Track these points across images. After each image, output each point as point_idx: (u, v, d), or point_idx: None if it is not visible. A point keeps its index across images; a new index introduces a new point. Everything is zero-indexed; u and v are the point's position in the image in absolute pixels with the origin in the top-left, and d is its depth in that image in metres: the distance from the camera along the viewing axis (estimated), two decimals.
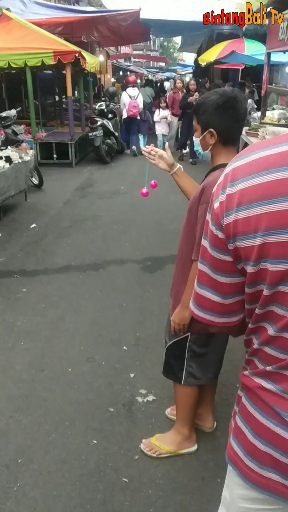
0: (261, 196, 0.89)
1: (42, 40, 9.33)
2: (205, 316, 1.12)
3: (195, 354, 2.32)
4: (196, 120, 2.02)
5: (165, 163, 2.37)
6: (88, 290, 4.43)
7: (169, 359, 2.45)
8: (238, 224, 0.93)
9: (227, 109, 1.90)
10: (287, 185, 0.87)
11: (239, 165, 0.95)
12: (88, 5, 23.47)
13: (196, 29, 15.51)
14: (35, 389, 3.04)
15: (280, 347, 0.98)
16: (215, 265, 1.04)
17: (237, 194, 0.93)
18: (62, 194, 7.81)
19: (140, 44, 34.03)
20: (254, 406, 1.06)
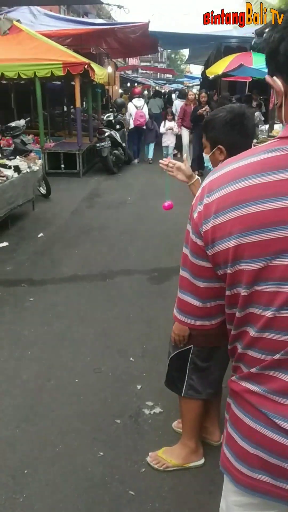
0: (233, 202, 0.96)
1: (51, 52, 9.44)
2: (185, 319, 1.18)
3: (197, 367, 2.32)
4: (205, 136, 2.04)
5: (183, 174, 2.37)
6: (95, 300, 4.44)
7: (171, 370, 2.46)
8: (215, 229, 1.00)
9: (235, 126, 1.91)
10: (255, 191, 0.94)
11: (214, 178, 1.04)
12: (97, 17, 23.78)
13: (204, 42, 15.61)
14: (42, 399, 3.04)
15: (262, 348, 1.01)
16: (195, 271, 1.10)
17: (214, 203, 1.00)
18: (69, 204, 7.85)
19: (148, 56, 34.39)
20: (241, 410, 1.09)
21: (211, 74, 13.35)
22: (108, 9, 25.46)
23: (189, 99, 11.36)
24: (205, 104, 10.13)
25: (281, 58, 0.96)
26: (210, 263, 1.05)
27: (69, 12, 22.48)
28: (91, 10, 25.21)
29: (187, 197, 2.43)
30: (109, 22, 15.53)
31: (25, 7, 11.92)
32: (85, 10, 24.55)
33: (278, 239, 0.92)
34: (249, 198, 0.94)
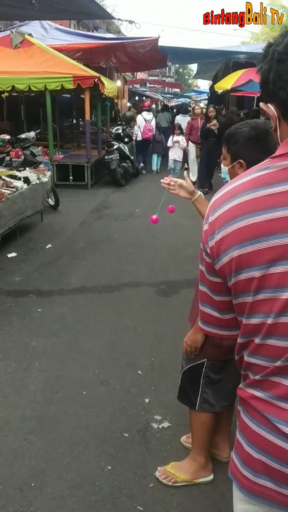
0: (230, 218, 1.05)
1: (62, 65, 9.56)
2: (211, 330, 1.27)
3: (210, 380, 2.31)
4: (226, 149, 2.04)
5: (185, 191, 2.38)
6: (103, 312, 4.43)
7: (185, 384, 2.44)
8: (218, 245, 1.09)
9: (258, 142, 1.92)
10: (247, 206, 1.03)
11: (217, 197, 1.14)
12: (106, 32, 24.12)
13: (212, 57, 15.80)
14: (50, 411, 3.02)
15: (265, 355, 1.07)
16: (211, 286, 1.19)
17: (216, 221, 1.10)
18: (77, 215, 7.88)
19: (156, 70, 34.69)
20: (248, 416, 1.13)
21: (219, 89, 13.45)
22: (117, 24, 25.87)
23: (196, 114, 11.31)
24: (214, 119, 10.08)
25: (271, 87, 1.05)
26: (220, 278, 1.14)
27: (79, 26, 22.85)
28: (101, 25, 25.60)
29: (194, 211, 2.44)
30: (119, 37, 15.71)
31: (36, 22, 12.08)
32: (95, 25, 24.93)
33: (271, 248, 1.00)
34: (242, 213, 1.03)
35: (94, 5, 7.49)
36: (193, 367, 2.31)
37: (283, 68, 1.02)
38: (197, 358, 2.27)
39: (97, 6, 7.86)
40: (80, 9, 7.32)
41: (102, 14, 8.90)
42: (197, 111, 11.33)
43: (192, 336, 2.20)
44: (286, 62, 1.02)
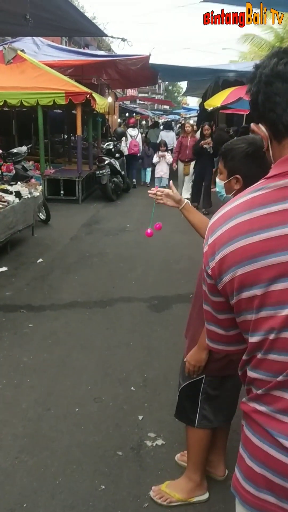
0: (228, 239, 1.08)
1: (54, 81, 9.63)
2: (217, 346, 1.29)
3: (209, 396, 2.28)
4: (223, 164, 2.05)
5: (172, 200, 2.39)
6: (95, 328, 4.39)
7: (183, 401, 2.40)
8: (219, 265, 1.11)
9: (256, 158, 1.93)
10: (243, 227, 1.06)
11: (215, 219, 1.16)
12: (97, 49, 24.36)
13: (202, 75, 16.00)
14: (42, 429, 2.96)
15: (266, 370, 1.07)
16: (214, 306, 1.22)
17: (215, 242, 1.12)
18: (68, 230, 7.86)
19: (146, 87, 35.10)
20: (250, 430, 1.13)
21: (209, 106, 13.61)
22: (108, 41, 26.18)
23: (186, 131, 10.93)
24: (208, 137, 9.77)
25: (260, 108, 1.10)
26: (223, 298, 1.16)
27: (71, 43, 23.07)
28: (92, 42, 25.87)
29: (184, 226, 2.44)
30: (111, 54, 15.90)
31: (28, 38, 12.19)
32: (86, 42, 25.19)
33: (270, 266, 1.01)
34: (239, 234, 1.06)
35: (87, 22, 7.59)
36: (191, 383, 2.28)
37: (271, 91, 1.06)
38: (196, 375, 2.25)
39: (90, 23, 7.96)
40: (74, 26, 7.41)
41: (95, 31, 9.00)
42: (188, 129, 10.96)
43: (196, 355, 2.17)
44: (273, 84, 1.06)
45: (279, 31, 22.41)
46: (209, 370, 2.20)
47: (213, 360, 2.15)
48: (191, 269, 6.06)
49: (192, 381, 2.28)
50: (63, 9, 6.57)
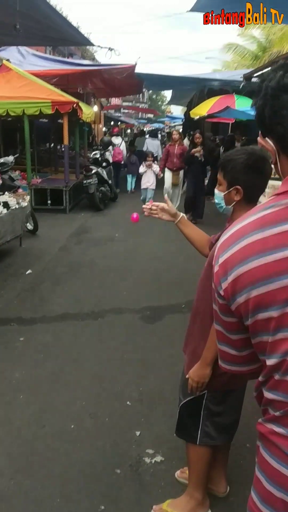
0: (241, 259, 1.04)
1: (40, 90, 9.58)
2: (231, 367, 1.25)
3: (211, 412, 2.23)
4: (222, 175, 2.03)
5: (168, 214, 2.36)
6: (88, 340, 4.32)
7: (184, 418, 2.34)
8: (232, 286, 1.07)
9: (256, 169, 1.92)
10: (256, 246, 1.02)
11: (226, 238, 1.12)
12: (81, 58, 24.38)
13: (187, 84, 16.12)
14: (37, 448, 2.88)
15: (285, 391, 1.04)
16: (226, 326, 1.18)
17: (227, 262, 1.08)
18: (57, 240, 7.78)
19: (130, 96, 35.20)
20: (268, 452, 1.09)
21: (195, 115, 13.67)
22: (92, 51, 26.24)
23: (174, 139, 10.46)
24: (200, 145, 9.50)
25: (267, 122, 1.07)
26: (236, 318, 1.12)
27: (55, 52, 23.03)
28: (76, 52, 25.87)
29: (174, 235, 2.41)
30: (98, 64, 15.91)
31: (13, 47, 12.14)
32: (70, 51, 25.17)
33: (285, 287, 0.98)
34: (252, 254, 1.02)
35: (75, 31, 7.58)
36: (193, 399, 2.22)
37: (277, 104, 1.04)
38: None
39: (78, 32, 7.95)
40: (61, 35, 7.40)
41: (83, 41, 9.01)
42: (175, 137, 10.47)
43: (199, 371, 2.11)
44: (280, 97, 1.04)
45: (261, 40, 22.71)
46: (212, 386, 2.15)
47: (215, 375, 2.10)
48: (182, 279, 6.03)
49: (193, 397, 2.23)
50: (51, 19, 6.56)
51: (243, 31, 21.77)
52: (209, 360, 2.07)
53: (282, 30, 19.11)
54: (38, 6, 5.86)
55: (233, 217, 2.07)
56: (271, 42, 21.39)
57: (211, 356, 2.05)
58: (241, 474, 2.72)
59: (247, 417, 2.85)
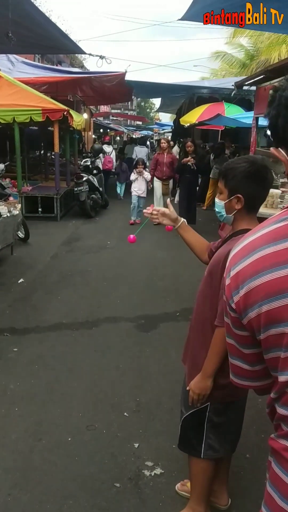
0: (252, 273, 1.03)
1: (30, 98, 9.54)
2: (242, 382, 1.23)
3: (214, 424, 2.18)
4: (223, 183, 2.01)
5: (168, 219, 2.34)
6: (83, 350, 4.27)
7: (186, 431, 2.29)
8: (244, 300, 1.05)
9: (258, 178, 1.91)
10: (268, 260, 1.01)
11: (237, 251, 1.12)
12: (70, 66, 24.42)
13: (176, 92, 16.22)
14: (34, 462, 2.82)
15: None
16: (238, 340, 1.15)
17: (238, 275, 1.07)
18: (48, 248, 7.72)
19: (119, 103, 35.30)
20: (281, 468, 1.07)
21: (185, 122, 13.74)
22: (80, 58, 26.30)
23: (162, 148, 10.03)
24: (192, 154, 9.17)
25: (280, 132, 1.05)
26: (248, 332, 1.10)
27: (43, 60, 23.04)
28: (65, 59, 25.93)
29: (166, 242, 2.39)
30: (88, 71, 15.95)
31: (3, 55, 12.10)
32: (58, 59, 25.21)
33: None
34: (265, 267, 1.01)
35: (67, 40, 7.58)
36: (195, 412, 2.18)
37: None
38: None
39: (70, 41, 7.94)
40: (53, 44, 7.38)
41: (75, 49, 8.99)
42: (163, 145, 10.03)
43: (200, 383, 2.07)
44: None
45: (249, 49, 22.96)
46: (215, 398, 2.12)
47: (218, 387, 2.07)
48: (175, 286, 6.02)
49: (196, 410, 2.19)
50: (43, 27, 6.54)
51: (231, 39, 22.01)
52: (210, 371, 2.04)
53: (270, 38, 19.34)
54: (30, 14, 5.85)
55: (235, 226, 2.05)
56: (259, 50, 21.65)
57: (212, 367, 2.02)
58: (241, 486, 2.69)
59: (245, 427, 2.82)
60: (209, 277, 2.10)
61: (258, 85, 6.48)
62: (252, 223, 2.03)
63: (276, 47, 18.80)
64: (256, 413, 3.22)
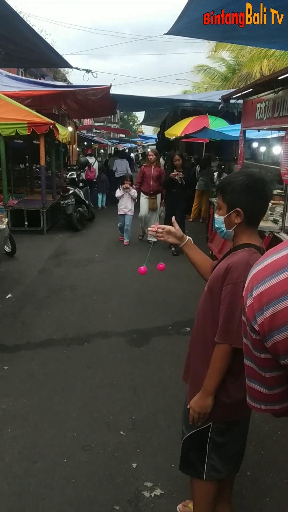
0: (280, 293, 0.97)
1: (16, 111, 9.47)
2: (260, 406, 1.16)
3: (216, 444, 2.11)
4: (221, 198, 1.99)
5: (174, 237, 2.30)
6: (75, 367, 4.18)
7: (188, 452, 2.21)
8: (270, 321, 0.99)
9: (256, 191, 1.90)
10: None
11: (259, 269, 1.05)
12: (53, 79, 24.44)
13: (160, 105, 16.34)
14: (29, 485, 2.73)
15: None
16: (259, 362, 1.10)
17: (263, 295, 1.01)
18: (36, 262, 7.62)
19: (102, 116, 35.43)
20: None
21: (170, 135, 13.82)
22: (63, 72, 26.36)
23: (150, 160, 9.22)
24: (180, 168, 8.49)
25: None
26: (271, 355, 1.05)
27: (26, 73, 23.03)
28: (48, 73, 25.94)
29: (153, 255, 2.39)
30: (73, 85, 15.95)
31: None
32: (41, 73, 25.22)
33: None
34: None
35: (54, 54, 7.56)
36: (197, 432, 2.12)
37: None
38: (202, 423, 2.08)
39: (57, 55, 7.93)
40: (41, 58, 7.37)
41: (61, 63, 8.98)
42: (151, 158, 9.26)
43: (201, 402, 2.01)
44: None
45: (231, 62, 23.31)
46: (217, 417, 2.06)
47: (220, 405, 2.02)
48: (166, 299, 5.97)
49: (197, 430, 2.12)
50: (31, 41, 6.52)
51: (213, 53, 22.34)
52: (210, 389, 1.98)
53: (251, 52, 19.67)
54: (18, 28, 5.83)
55: (236, 241, 2.03)
56: (241, 64, 21.99)
57: (213, 385, 1.97)
58: (243, 505, 2.64)
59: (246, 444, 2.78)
60: (209, 293, 2.06)
61: (245, 99, 6.54)
62: (253, 237, 2.01)
63: (258, 61, 19.11)
64: (254, 429, 3.18)
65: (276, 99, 5.16)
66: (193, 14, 5.29)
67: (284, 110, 4.92)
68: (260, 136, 10.19)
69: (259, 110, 5.76)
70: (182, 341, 4.70)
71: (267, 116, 5.50)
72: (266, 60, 18.80)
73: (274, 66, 18.23)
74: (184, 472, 2.30)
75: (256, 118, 5.89)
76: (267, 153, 13.09)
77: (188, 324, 5.09)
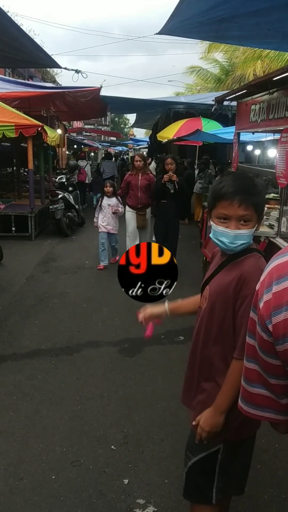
0: None
1: (3, 113, 9.33)
2: (263, 414, 1.06)
3: (225, 466, 1.94)
4: (253, 209, 1.79)
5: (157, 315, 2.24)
6: (64, 378, 4.08)
7: (195, 477, 2.01)
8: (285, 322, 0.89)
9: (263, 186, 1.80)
10: None
11: (283, 262, 0.93)
12: (42, 80, 24.30)
13: (152, 107, 16.28)
14: (16, 504, 2.62)
15: None
16: (266, 367, 1.00)
17: (282, 292, 0.89)
18: (23, 269, 7.49)
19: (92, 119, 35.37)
20: None
21: (162, 138, 13.76)
22: (52, 73, 26.22)
23: (136, 167, 7.62)
24: (174, 173, 6.95)
25: None
26: (280, 361, 0.94)
27: (14, 74, 22.87)
28: (36, 74, 25.79)
29: None
30: (62, 86, 15.83)
31: None
32: (30, 74, 25.07)
33: None
34: None
35: (43, 54, 7.47)
36: (206, 456, 1.94)
37: None
38: (210, 445, 1.91)
39: (45, 55, 7.83)
40: (29, 58, 7.26)
41: (50, 63, 8.87)
42: (138, 164, 7.60)
43: (212, 420, 1.85)
44: None
45: (224, 64, 23.31)
46: (227, 437, 1.89)
47: (232, 423, 1.85)
48: None
49: (208, 453, 1.93)
50: (18, 41, 6.42)
51: (206, 54, 22.31)
52: (224, 407, 1.82)
53: (245, 54, 19.66)
54: (5, 27, 5.73)
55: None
56: (234, 65, 21.98)
57: (228, 402, 1.80)
58: None
59: None
60: (210, 312, 1.92)
61: (239, 100, 6.47)
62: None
63: (252, 62, 19.11)
64: None
65: (271, 100, 5.10)
66: (185, 13, 5.22)
67: (279, 112, 4.86)
68: (254, 138, 10.15)
69: (253, 112, 5.70)
70: (175, 350, 4.61)
71: (261, 118, 5.44)
72: (260, 61, 18.78)
73: (269, 67, 18.18)
74: (190, 499, 2.10)
75: (251, 120, 5.83)
76: (262, 156, 13.11)
77: (181, 332, 5.01)
